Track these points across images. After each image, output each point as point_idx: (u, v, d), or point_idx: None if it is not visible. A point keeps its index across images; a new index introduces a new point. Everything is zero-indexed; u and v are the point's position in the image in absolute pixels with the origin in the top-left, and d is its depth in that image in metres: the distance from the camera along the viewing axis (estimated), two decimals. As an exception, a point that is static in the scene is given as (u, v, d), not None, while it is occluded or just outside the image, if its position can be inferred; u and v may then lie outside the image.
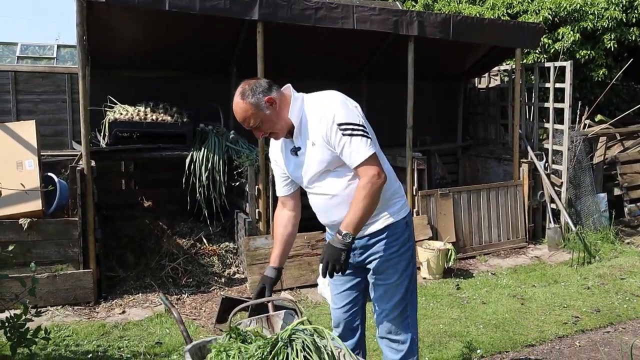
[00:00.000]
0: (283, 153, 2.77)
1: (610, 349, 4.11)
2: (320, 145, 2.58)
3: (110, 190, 6.40)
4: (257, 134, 2.66)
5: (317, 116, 2.58)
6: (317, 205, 2.77)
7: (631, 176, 7.82)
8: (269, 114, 2.59)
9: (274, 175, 2.93)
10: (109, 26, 5.56)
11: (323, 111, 2.57)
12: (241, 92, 2.58)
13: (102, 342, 4.14)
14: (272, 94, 2.63)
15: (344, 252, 2.52)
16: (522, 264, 6.26)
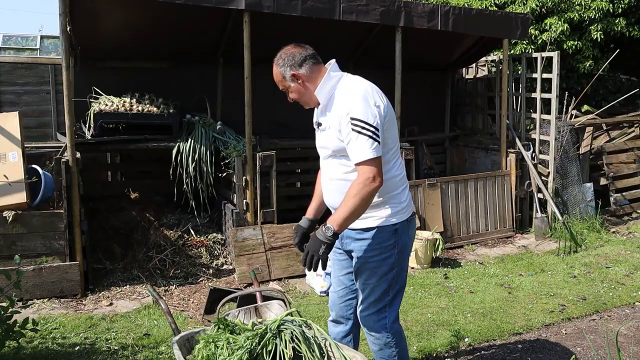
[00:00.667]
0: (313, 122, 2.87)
1: (596, 337, 4.16)
2: (332, 129, 2.65)
3: (96, 182, 6.34)
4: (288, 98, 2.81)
5: (339, 103, 2.64)
6: (322, 182, 2.89)
7: (617, 166, 7.88)
8: (294, 86, 2.74)
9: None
10: (93, 16, 5.49)
11: (345, 100, 2.61)
12: (277, 57, 2.74)
13: (89, 335, 4.12)
14: (300, 70, 2.71)
15: (323, 246, 2.54)
16: (510, 253, 6.30)
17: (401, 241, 2.75)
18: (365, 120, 2.53)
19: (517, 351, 3.98)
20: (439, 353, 3.93)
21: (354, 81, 2.72)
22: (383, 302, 2.81)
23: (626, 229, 7.18)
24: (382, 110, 2.61)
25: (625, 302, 4.86)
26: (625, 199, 7.81)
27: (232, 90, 6.20)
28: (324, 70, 2.74)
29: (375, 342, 2.87)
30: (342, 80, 2.73)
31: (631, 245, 6.40)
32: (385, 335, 2.84)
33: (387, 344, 2.86)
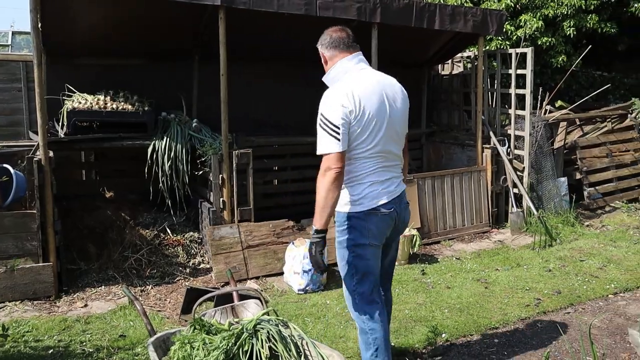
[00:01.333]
0: None
1: (571, 329, 4.22)
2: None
3: (70, 181, 6.24)
4: None
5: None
6: None
7: (590, 160, 8.00)
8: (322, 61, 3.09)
9: None
10: (65, 12, 5.39)
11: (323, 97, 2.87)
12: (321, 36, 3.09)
13: (63, 337, 4.05)
14: (326, 52, 3.06)
15: (312, 246, 2.80)
16: (486, 248, 6.36)
17: (356, 230, 2.94)
18: (328, 119, 2.78)
19: (494, 345, 4.02)
20: (417, 349, 3.95)
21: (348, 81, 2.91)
22: (350, 287, 3.04)
23: (599, 222, 7.30)
24: (349, 112, 2.80)
25: (599, 294, 4.94)
26: (599, 193, 7.94)
27: (209, 88, 6.14)
28: (338, 59, 3.00)
29: (357, 325, 3.10)
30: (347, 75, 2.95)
31: (604, 239, 6.51)
32: (359, 320, 3.04)
33: (362, 330, 3.04)
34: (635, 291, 5.04)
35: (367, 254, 2.97)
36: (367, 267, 2.98)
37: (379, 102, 2.91)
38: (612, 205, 7.95)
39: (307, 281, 4.94)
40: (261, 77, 7.10)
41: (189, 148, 5.66)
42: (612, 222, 7.28)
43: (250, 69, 6.95)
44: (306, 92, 7.54)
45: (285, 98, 7.27)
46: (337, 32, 3.03)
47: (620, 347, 3.96)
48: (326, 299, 4.81)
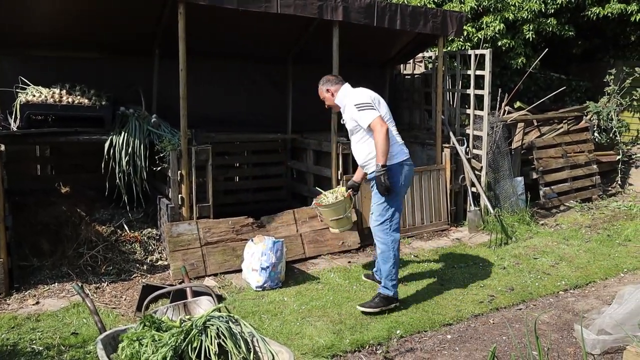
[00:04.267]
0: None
1: (521, 325, 4.32)
2: (348, 121, 4.63)
3: (24, 175, 6.10)
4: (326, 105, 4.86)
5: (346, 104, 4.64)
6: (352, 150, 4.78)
7: (546, 160, 8.20)
8: (328, 97, 4.76)
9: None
10: (20, 1, 5.25)
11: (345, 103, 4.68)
12: (321, 81, 4.80)
13: (11, 336, 3.96)
14: (333, 87, 4.72)
15: (381, 176, 4.36)
16: (444, 246, 6.46)
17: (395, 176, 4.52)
18: (360, 101, 4.50)
19: (447, 341, 4.10)
20: (372, 345, 4.00)
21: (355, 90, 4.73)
22: (386, 217, 4.57)
23: (554, 221, 7.49)
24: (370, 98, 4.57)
25: (550, 291, 5.08)
26: (554, 192, 8.14)
27: (169, 83, 6.07)
28: (340, 86, 4.73)
29: (380, 245, 4.60)
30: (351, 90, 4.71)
31: (558, 237, 6.69)
32: (387, 240, 4.58)
33: (386, 248, 4.58)
34: (585, 288, 5.20)
35: (398, 196, 4.59)
36: (399, 205, 4.62)
37: (380, 98, 4.68)
38: (567, 205, 8.17)
39: (265, 278, 4.94)
40: (222, 74, 7.06)
41: (147, 144, 5.59)
42: (566, 221, 7.48)
43: (210, 66, 6.91)
44: (267, 90, 7.59)
45: (246, 95, 7.24)
46: (333, 76, 4.90)
47: (566, 341, 4.08)
48: (284, 296, 4.82)
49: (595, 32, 10.51)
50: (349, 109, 4.54)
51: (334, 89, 4.66)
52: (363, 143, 4.57)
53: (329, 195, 5.16)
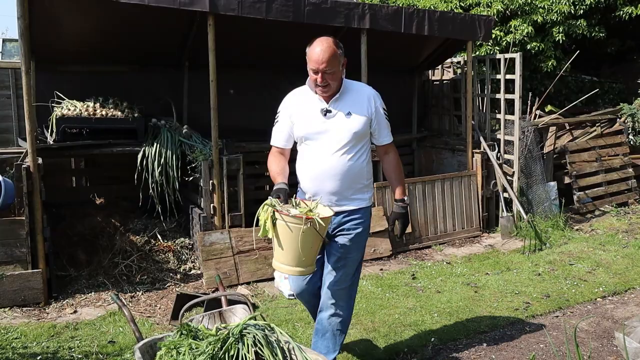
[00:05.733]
0: (306, 110, 3.23)
1: (558, 333, 4.24)
2: (356, 118, 3.19)
3: (60, 188, 6.23)
4: (319, 79, 3.11)
5: (364, 93, 3.28)
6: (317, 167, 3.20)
7: (580, 165, 8.06)
8: (340, 70, 3.17)
9: (278, 129, 3.32)
10: (54, 19, 5.40)
11: (371, 92, 3.31)
12: (335, 42, 3.16)
13: (51, 344, 4.04)
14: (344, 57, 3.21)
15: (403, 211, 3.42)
16: (477, 252, 6.39)
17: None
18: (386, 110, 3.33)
19: (482, 349, 4.04)
20: (406, 353, 3.96)
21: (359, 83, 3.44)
22: (358, 274, 3.41)
23: (589, 226, 7.34)
24: None
25: (588, 298, 4.97)
26: (588, 197, 7.99)
27: (199, 94, 6.16)
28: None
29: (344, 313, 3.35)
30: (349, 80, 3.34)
31: (593, 242, 6.55)
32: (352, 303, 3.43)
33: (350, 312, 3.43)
34: (623, 295, 5.07)
35: None
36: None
37: None
38: (602, 209, 8.00)
39: (297, 286, 4.94)
40: (251, 84, 7.12)
41: (179, 154, 5.66)
42: (601, 226, 7.33)
43: (240, 76, 6.97)
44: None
45: (276, 104, 7.28)
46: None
47: (607, 350, 3.98)
48: (316, 304, 4.81)
49: (627, 32, 10.31)
50: (369, 105, 3.21)
51: (345, 61, 3.21)
52: (363, 160, 3.23)
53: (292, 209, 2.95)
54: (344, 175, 3.18)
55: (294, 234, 2.77)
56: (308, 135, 3.21)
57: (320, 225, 2.80)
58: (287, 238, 2.80)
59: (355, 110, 3.20)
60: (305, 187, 3.27)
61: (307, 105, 3.24)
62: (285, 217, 2.77)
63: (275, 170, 3.25)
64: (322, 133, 3.18)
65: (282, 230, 2.81)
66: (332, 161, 3.17)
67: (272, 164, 3.31)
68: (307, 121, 3.21)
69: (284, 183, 3.12)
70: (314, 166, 3.22)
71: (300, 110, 3.25)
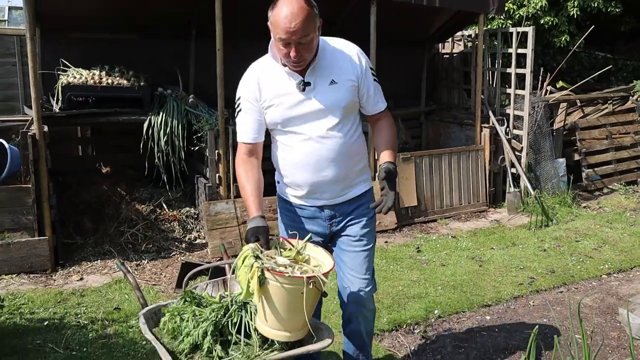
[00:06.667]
0: (278, 88, 2.51)
1: (562, 308, 4.23)
2: (344, 85, 2.50)
3: (66, 156, 6.22)
4: (292, 52, 2.34)
5: (347, 57, 2.53)
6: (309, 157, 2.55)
7: (590, 142, 7.97)
8: (315, 36, 2.39)
9: (243, 120, 2.61)
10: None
11: (354, 54, 2.55)
12: (308, 1, 2.34)
13: (58, 310, 4.08)
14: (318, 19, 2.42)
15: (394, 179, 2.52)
16: (482, 227, 6.37)
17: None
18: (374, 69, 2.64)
19: (485, 322, 4.04)
20: (409, 324, 3.97)
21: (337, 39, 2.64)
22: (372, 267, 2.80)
23: (597, 203, 7.29)
24: None
25: (593, 274, 4.95)
26: (597, 175, 7.91)
27: (205, 63, 6.10)
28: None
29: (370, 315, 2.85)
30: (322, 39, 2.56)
31: (601, 220, 6.51)
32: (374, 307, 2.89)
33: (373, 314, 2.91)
34: (629, 272, 5.05)
35: None
36: None
37: None
38: (610, 187, 7.94)
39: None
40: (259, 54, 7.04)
41: (185, 124, 5.64)
42: (609, 203, 7.27)
43: (247, 46, 6.88)
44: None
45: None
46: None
47: (610, 325, 3.98)
48: (320, 276, 4.82)
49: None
50: (353, 66, 2.51)
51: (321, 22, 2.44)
52: (358, 136, 2.65)
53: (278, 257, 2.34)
54: (343, 158, 2.57)
55: (289, 297, 2.18)
56: (288, 119, 2.51)
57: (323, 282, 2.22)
58: (280, 301, 2.20)
59: (339, 76, 2.49)
60: (296, 181, 2.64)
61: (277, 82, 2.51)
62: (279, 278, 2.15)
63: (247, 189, 2.55)
64: (305, 114, 2.50)
65: (274, 291, 2.19)
66: (328, 144, 2.52)
67: (241, 174, 2.62)
68: (282, 102, 2.50)
69: (261, 218, 2.43)
70: (305, 155, 2.55)
71: (270, 89, 2.52)
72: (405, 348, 3.69)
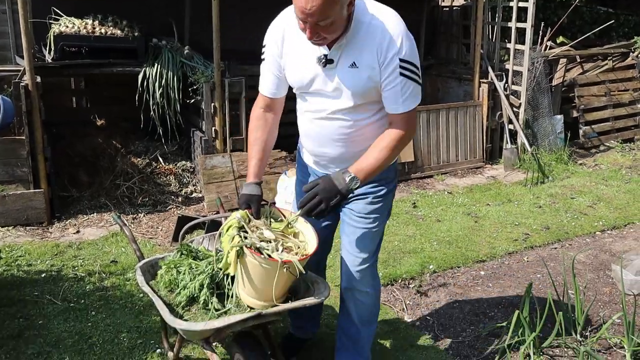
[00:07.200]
0: (299, 52, 2.28)
1: (556, 264, 4.28)
2: (363, 71, 2.21)
3: (60, 107, 6.12)
4: (308, 33, 2.08)
5: (377, 38, 2.17)
6: (315, 130, 2.43)
7: (588, 99, 7.91)
8: (339, 18, 2.07)
9: (264, 72, 2.43)
10: None
11: (387, 36, 2.17)
12: None
13: (55, 262, 4.10)
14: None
15: (339, 196, 2.21)
16: (478, 183, 6.38)
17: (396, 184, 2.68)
18: (415, 64, 2.21)
19: (480, 277, 4.09)
20: (404, 279, 4.02)
21: (384, 12, 2.23)
22: (377, 251, 2.64)
23: (593, 161, 7.29)
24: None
25: (587, 231, 5.00)
26: (594, 132, 7.89)
27: (201, 14, 5.94)
28: None
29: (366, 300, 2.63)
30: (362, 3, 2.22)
31: (596, 177, 6.53)
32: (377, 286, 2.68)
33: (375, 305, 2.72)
34: (622, 229, 5.10)
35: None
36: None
37: None
38: (607, 145, 7.92)
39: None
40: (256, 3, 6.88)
41: (180, 76, 5.53)
42: (605, 161, 7.28)
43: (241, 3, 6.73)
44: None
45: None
46: None
47: (602, 281, 4.04)
48: (317, 230, 4.85)
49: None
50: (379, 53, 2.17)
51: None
52: (372, 125, 2.37)
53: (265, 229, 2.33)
54: (349, 142, 2.38)
55: (264, 273, 2.21)
56: (301, 87, 2.36)
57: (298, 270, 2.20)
58: (255, 275, 2.24)
59: (361, 59, 2.20)
60: (305, 145, 2.57)
61: (301, 46, 2.26)
62: (257, 257, 2.17)
63: (252, 150, 2.45)
64: (319, 90, 2.31)
65: (250, 266, 2.23)
66: (333, 125, 2.35)
67: (252, 131, 2.48)
68: (299, 70, 2.31)
69: (256, 185, 2.38)
70: (309, 128, 2.46)
71: (292, 49, 2.31)
72: (400, 302, 3.74)
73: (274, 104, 2.48)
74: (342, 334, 2.73)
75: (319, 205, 2.20)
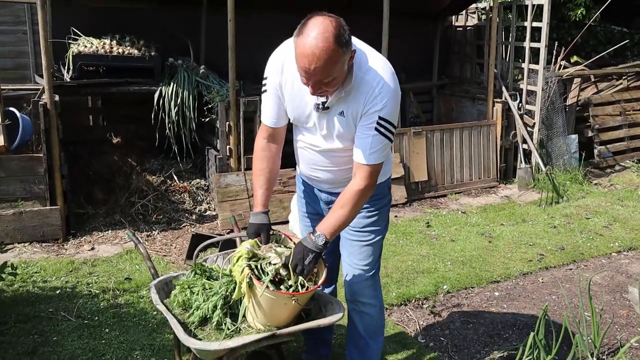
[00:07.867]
0: (297, 92, 2.37)
1: (571, 285, 4.24)
2: (350, 119, 2.32)
3: (77, 126, 6.21)
4: (311, 89, 2.20)
5: (366, 93, 2.25)
6: (307, 156, 2.56)
7: (603, 118, 7.87)
8: (340, 74, 2.18)
9: (266, 102, 2.48)
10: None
11: (374, 93, 2.25)
12: (336, 34, 2.07)
13: (70, 279, 4.13)
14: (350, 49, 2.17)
15: (311, 255, 2.29)
16: (492, 203, 6.35)
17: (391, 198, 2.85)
18: (392, 122, 2.29)
19: (494, 298, 4.06)
20: (418, 299, 3.99)
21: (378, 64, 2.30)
22: (378, 263, 2.73)
23: (608, 181, 7.23)
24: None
25: (603, 252, 4.94)
26: (609, 152, 7.84)
27: (216, 34, 6.02)
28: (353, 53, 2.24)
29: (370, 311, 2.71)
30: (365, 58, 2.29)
31: (612, 197, 6.47)
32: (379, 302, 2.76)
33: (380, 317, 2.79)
34: (639, 250, 5.03)
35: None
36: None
37: None
38: (622, 165, 7.86)
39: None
40: (271, 25, 6.95)
41: (196, 95, 5.61)
42: (621, 181, 7.22)
43: (259, 16, 6.81)
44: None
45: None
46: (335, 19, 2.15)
47: (619, 303, 3.98)
48: (330, 249, 4.84)
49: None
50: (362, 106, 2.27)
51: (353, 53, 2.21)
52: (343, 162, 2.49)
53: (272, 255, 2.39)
54: (338, 170, 2.52)
55: (274, 303, 2.28)
56: (295, 120, 2.48)
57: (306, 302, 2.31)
58: (265, 303, 2.30)
59: (348, 109, 2.31)
60: (299, 165, 2.69)
61: (298, 84, 2.30)
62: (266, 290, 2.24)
63: (258, 181, 2.54)
64: (311, 127, 2.44)
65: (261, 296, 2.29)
66: (324, 156, 2.50)
67: (256, 162, 2.55)
68: (295, 108, 2.41)
69: (264, 214, 2.49)
70: (301, 152, 2.59)
71: (290, 87, 2.37)
72: (413, 323, 3.71)
73: (276, 133, 2.55)
74: (353, 347, 2.79)
75: (297, 267, 2.31)
